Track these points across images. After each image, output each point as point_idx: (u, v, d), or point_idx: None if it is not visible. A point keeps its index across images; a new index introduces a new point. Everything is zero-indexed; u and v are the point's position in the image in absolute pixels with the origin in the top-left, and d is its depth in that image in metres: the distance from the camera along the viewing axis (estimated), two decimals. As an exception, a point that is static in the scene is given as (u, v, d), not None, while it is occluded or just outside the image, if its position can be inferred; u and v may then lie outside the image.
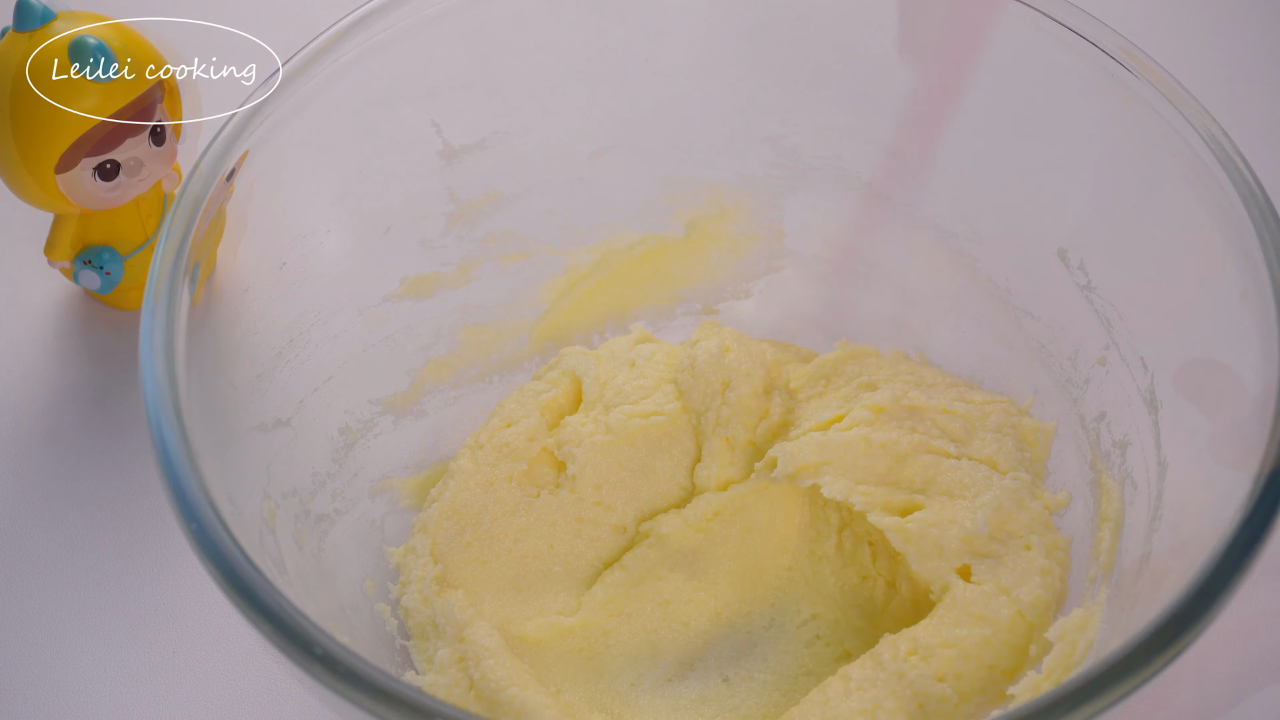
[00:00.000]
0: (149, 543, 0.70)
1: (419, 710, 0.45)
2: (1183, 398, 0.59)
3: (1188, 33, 0.91)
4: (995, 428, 0.67)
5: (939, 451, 0.66)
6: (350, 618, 0.62)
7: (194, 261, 0.56)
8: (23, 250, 0.80)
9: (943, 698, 0.59)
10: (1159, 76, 0.60)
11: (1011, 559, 0.63)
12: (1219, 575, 0.47)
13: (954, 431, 0.67)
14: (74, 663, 0.67)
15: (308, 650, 0.47)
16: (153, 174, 0.72)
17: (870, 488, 0.65)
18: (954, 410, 0.67)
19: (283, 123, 0.61)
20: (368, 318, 0.68)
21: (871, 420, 0.66)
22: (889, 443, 0.65)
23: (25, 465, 0.73)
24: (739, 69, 0.71)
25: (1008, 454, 0.66)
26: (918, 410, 0.67)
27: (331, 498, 0.64)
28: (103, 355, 0.77)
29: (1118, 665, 0.46)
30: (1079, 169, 0.66)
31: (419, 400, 0.71)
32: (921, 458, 0.65)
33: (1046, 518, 0.64)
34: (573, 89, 0.70)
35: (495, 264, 0.72)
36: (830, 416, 0.68)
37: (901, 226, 0.71)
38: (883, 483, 0.65)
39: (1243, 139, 0.59)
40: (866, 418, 0.66)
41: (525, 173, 0.71)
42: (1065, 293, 0.66)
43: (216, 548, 0.49)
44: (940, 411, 0.67)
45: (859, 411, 0.67)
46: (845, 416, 0.67)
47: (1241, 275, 0.55)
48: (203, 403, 0.54)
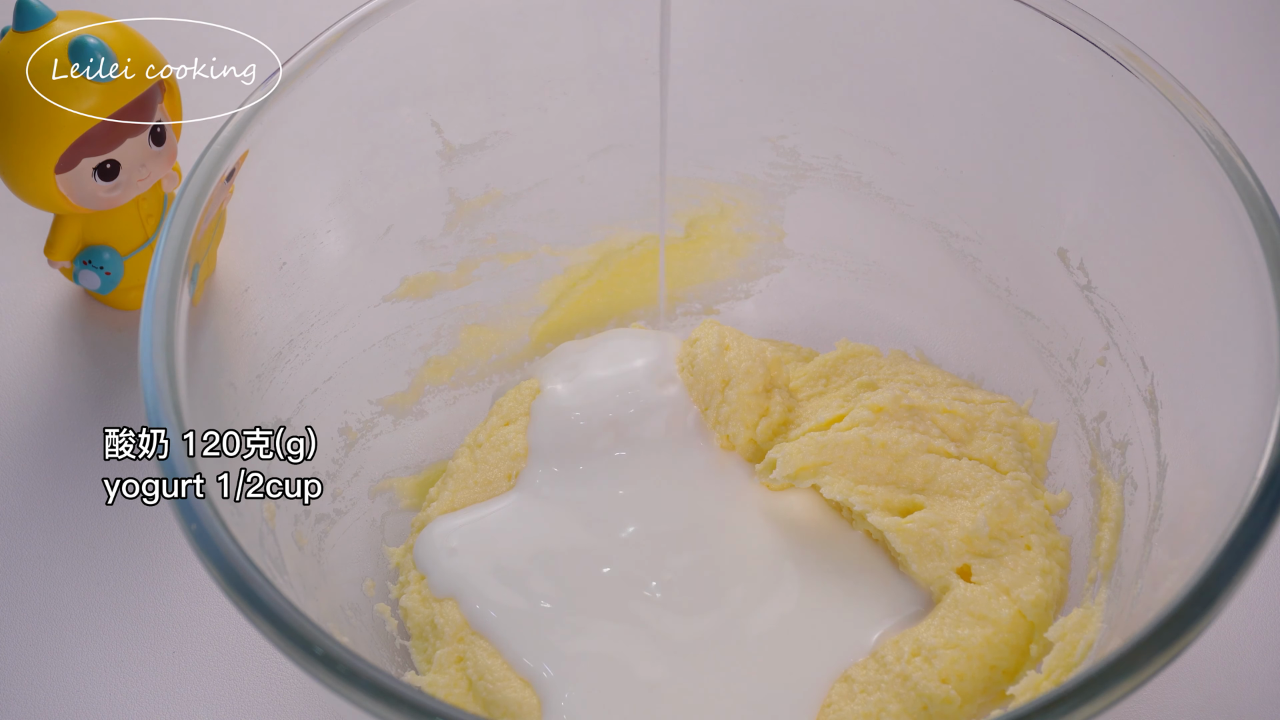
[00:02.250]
0: (149, 543, 0.70)
1: (419, 710, 0.45)
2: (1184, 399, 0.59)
3: (1188, 33, 0.92)
4: (995, 427, 0.67)
5: (939, 451, 0.66)
6: (350, 618, 0.62)
7: (194, 261, 0.56)
8: (23, 250, 0.80)
9: (946, 699, 0.59)
10: (1159, 76, 0.60)
11: (1012, 559, 0.63)
12: (1219, 575, 0.47)
13: (954, 431, 0.67)
14: (74, 663, 0.67)
15: (308, 650, 0.47)
16: (153, 174, 0.72)
17: (870, 488, 0.65)
18: (954, 410, 0.67)
19: (283, 123, 0.61)
20: (368, 318, 0.68)
21: (872, 420, 0.66)
22: (889, 442, 0.66)
23: (25, 465, 0.73)
24: (739, 69, 0.71)
25: (1008, 454, 0.66)
26: (918, 410, 0.67)
27: (331, 498, 0.64)
28: (103, 355, 0.77)
29: (1118, 665, 0.46)
30: (1079, 169, 0.66)
31: (419, 400, 0.71)
32: (921, 457, 0.66)
33: (1047, 517, 0.64)
34: (573, 89, 0.70)
35: (495, 264, 0.72)
36: (830, 416, 0.68)
37: (901, 226, 0.71)
38: (883, 482, 0.65)
39: (1243, 139, 0.59)
40: (867, 417, 0.66)
41: (525, 173, 0.71)
42: (1065, 293, 0.66)
43: (216, 548, 0.49)
44: (940, 411, 0.67)
45: (859, 411, 0.67)
46: (845, 416, 0.67)
47: (1241, 275, 0.55)
48: (203, 403, 0.54)
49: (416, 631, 0.64)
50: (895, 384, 0.69)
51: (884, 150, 0.70)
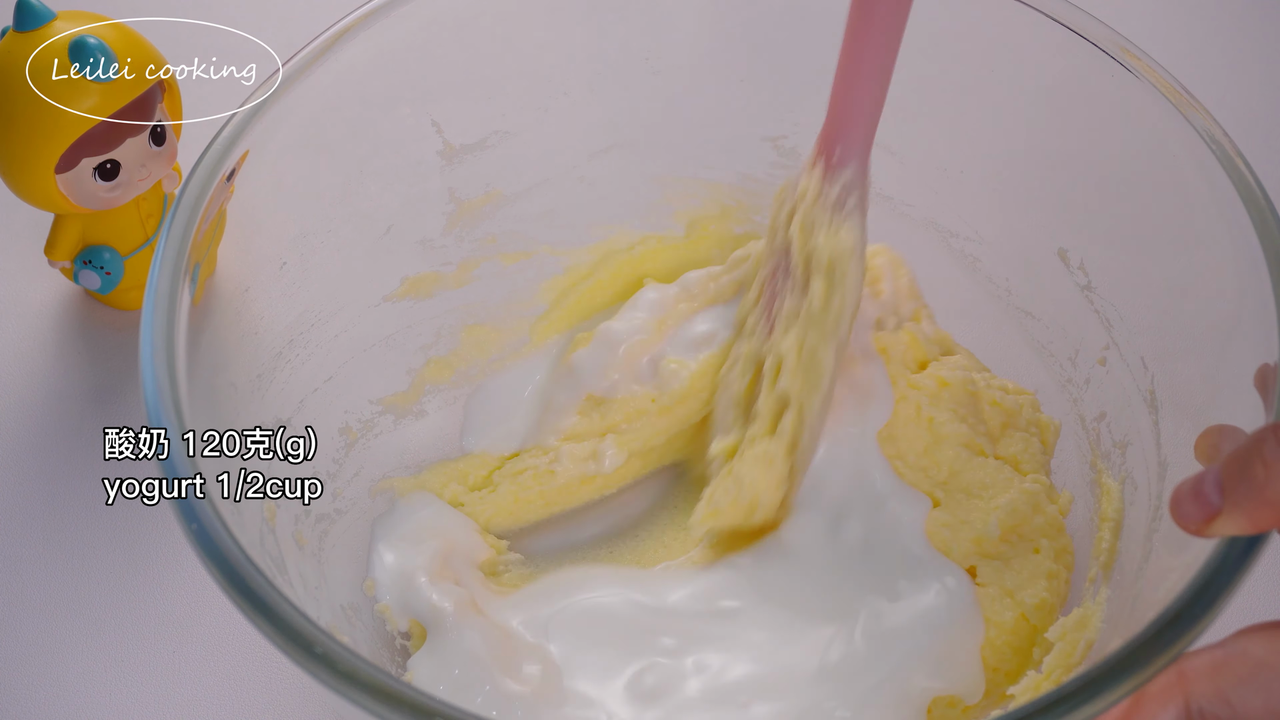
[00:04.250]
0: (149, 543, 0.70)
1: (419, 710, 0.45)
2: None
3: (1188, 33, 0.92)
4: (1024, 425, 0.67)
5: (975, 449, 0.65)
6: (350, 618, 0.62)
7: (194, 261, 0.56)
8: (23, 250, 0.80)
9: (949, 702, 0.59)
10: (1159, 76, 0.60)
11: (1019, 561, 0.63)
12: (1219, 575, 0.47)
13: (994, 427, 0.66)
14: (74, 663, 0.67)
15: (308, 650, 0.47)
16: (153, 174, 0.72)
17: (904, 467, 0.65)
18: (1001, 403, 0.67)
19: (283, 123, 0.61)
20: (368, 318, 0.68)
21: (935, 393, 0.66)
22: (935, 421, 0.65)
23: (25, 464, 0.73)
24: (739, 69, 0.71)
25: (1033, 455, 0.66)
26: (976, 398, 0.67)
27: (332, 498, 0.64)
28: (103, 355, 0.77)
29: (1118, 665, 0.46)
30: (1079, 169, 0.66)
31: (419, 400, 0.71)
32: (955, 449, 0.65)
33: (1059, 521, 0.64)
34: (573, 89, 0.70)
35: (495, 264, 0.72)
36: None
37: (901, 226, 0.71)
38: (914, 465, 0.65)
39: (1243, 139, 0.59)
40: (932, 388, 0.66)
41: (525, 173, 0.71)
42: (1065, 293, 0.66)
43: (216, 548, 0.49)
44: (991, 403, 0.67)
45: (927, 379, 0.67)
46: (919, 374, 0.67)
47: (1241, 275, 0.55)
48: (203, 403, 0.54)
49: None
50: (962, 359, 0.68)
51: (884, 150, 0.70)
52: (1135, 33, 0.63)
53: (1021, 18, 0.63)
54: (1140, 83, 0.60)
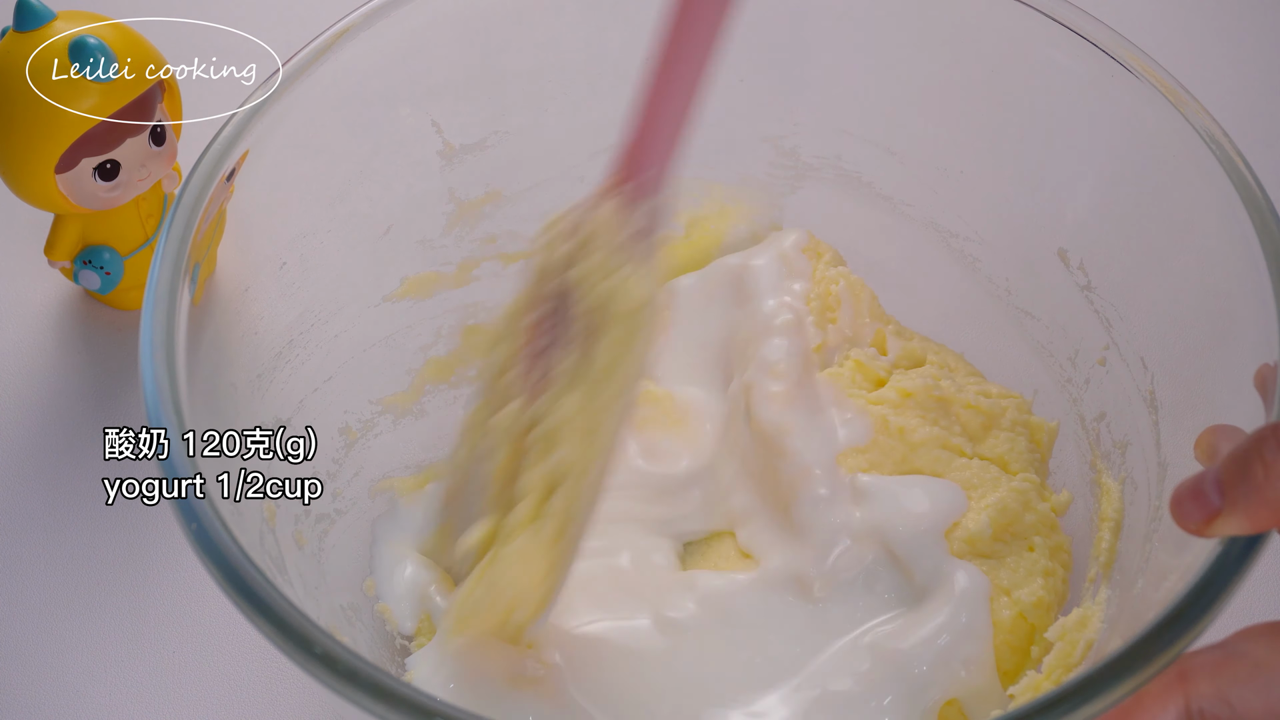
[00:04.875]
0: (149, 543, 0.70)
1: (419, 710, 0.45)
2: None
3: (1188, 33, 0.92)
4: (1009, 425, 0.67)
5: (954, 449, 0.65)
6: (350, 618, 0.62)
7: (194, 261, 0.56)
8: (23, 250, 0.80)
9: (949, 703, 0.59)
10: (1159, 76, 0.60)
11: (1014, 560, 0.63)
12: (1219, 575, 0.47)
13: (973, 428, 0.66)
14: (74, 663, 0.67)
15: (308, 650, 0.47)
16: (153, 174, 0.72)
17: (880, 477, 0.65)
18: (978, 405, 0.67)
19: (283, 123, 0.61)
20: (368, 318, 0.68)
21: (898, 403, 0.66)
22: (906, 429, 0.65)
23: (25, 464, 0.73)
24: (739, 69, 0.71)
25: (1020, 454, 0.66)
26: (945, 402, 0.66)
27: (331, 498, 0.64)
28: (103, 355, 0.77)
29: (1118, 665, 0.46)
30: (1079, 169, 0.66)
31: (419, 400, 0.71)
32: (934, 452, 0.65)
33: (1052, 519, 0.64)
34: (573, 89, 0.70)
35: (495, 264, 0.72)
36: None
37: (901, 226, 0.71)
38: (896, 471, 0.65)
39: (1243, 139, 0.59)
40: (894, 399, 0.66)
41: (525, 173, 0.71)
42: (1065, 293, 0.66)
43: (216, 548, 0.49)
44: (965, 406, 0.67)
45: (889, 391, 0.67)
46: (880, 389, 0.67)
47: (1241, 275, 0.55)
48: (203, 403, 0.54)
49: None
50: (930, 369, 0.68)
51: (884, 150, 0.70)
52: (1135, 33, 0.63)
53: (1022, 18, 0.63)
54: (1140, 83, 0.60)
